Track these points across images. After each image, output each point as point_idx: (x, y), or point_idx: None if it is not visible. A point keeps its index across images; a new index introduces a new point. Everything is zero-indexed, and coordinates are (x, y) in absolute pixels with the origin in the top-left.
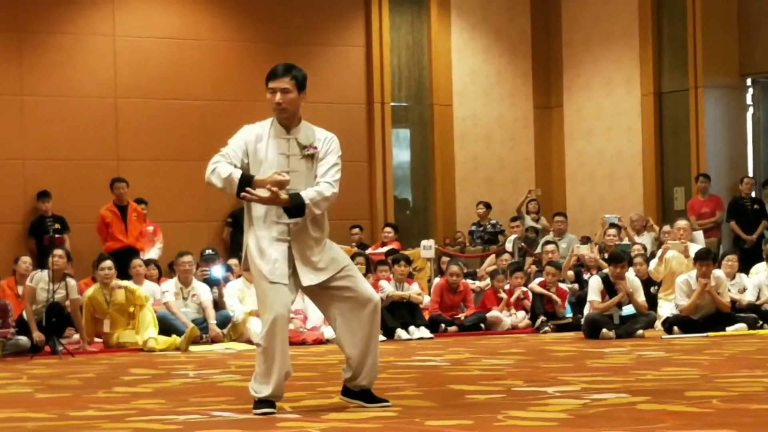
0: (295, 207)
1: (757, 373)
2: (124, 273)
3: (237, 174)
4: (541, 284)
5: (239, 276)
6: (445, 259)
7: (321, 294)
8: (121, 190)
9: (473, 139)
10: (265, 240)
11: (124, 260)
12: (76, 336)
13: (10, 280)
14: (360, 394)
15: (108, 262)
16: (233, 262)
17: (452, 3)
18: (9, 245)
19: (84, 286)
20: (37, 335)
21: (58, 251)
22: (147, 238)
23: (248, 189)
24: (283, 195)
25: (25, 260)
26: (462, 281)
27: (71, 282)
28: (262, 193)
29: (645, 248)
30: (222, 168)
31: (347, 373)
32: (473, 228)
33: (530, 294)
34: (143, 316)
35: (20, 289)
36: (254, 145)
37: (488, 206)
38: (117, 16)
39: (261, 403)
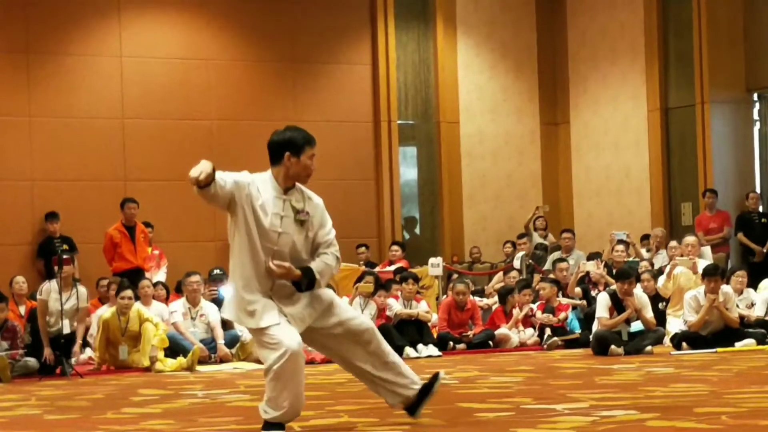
0: (308, 282)
1: (766, 389)
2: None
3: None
4: (540, 307)
5: None
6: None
7: (313, 337)
8: (132, 210)
9: (480, 156)
10: (249, 302)
11: (131, 281)
12: (84, 356)
13: (11, 302)
14: (419, 398)
15: (129, 291)
16: None
17: (458, 20)
18: (17, 266)
19: (92, 307)
20: (48, 352)
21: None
22: (153, 261)
23: (271, 263)
24: (296, 270)
25: (18, 280)
26: (470, 299)
27: (81, 290)
28: (278, 268)
29: (652, 265)
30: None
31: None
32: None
33: (537, 314)
34: (145, 330)
35: (22, 309)
36: (255, 191)
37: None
38: (124, 37)
39: (270, 425)
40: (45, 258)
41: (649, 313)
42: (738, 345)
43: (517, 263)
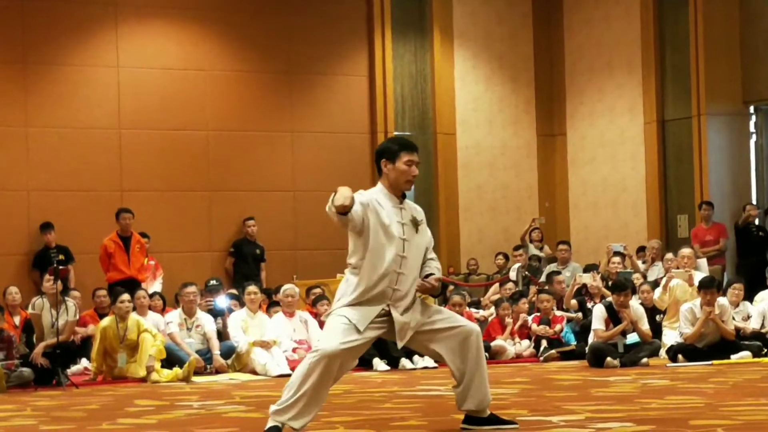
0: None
1: (762, 402)
2: None
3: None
4: (535, 320)
5: (243, 306)
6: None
7: (417, 339)
8: (127, 220)
9: (477, 168)
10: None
11: (126, 291)
12: (79, 366)
13: (6, 313)
14: (486, 420)
15: (126, 296)
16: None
17: (455, 31)
18: (12, 277)
19: (88, 318)
20: (43, 360)
21: (47, 278)
22: (149, 272)
23: (433, 279)
24: (437, 284)
25: (11, 290)
26: (465, 310)
27: (70, 304)
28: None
29: (644, 276)
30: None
31: (457, 396)
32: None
33: (532, 326)
34: (143, 340)
35: (16, 320)
36: (377, 205)
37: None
38: (120, 48)
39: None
40: (41, 269)
41: (645, 325)
42: (734, 357)
43: (513, 275)
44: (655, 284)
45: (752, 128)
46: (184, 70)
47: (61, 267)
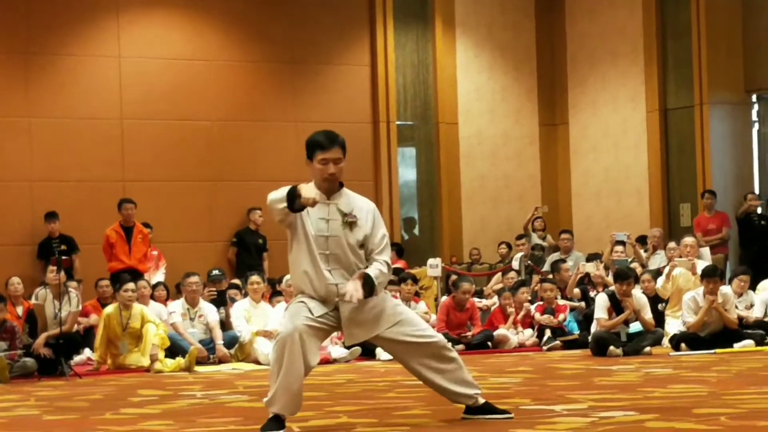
0: (369, 291)
1: (765, 390)
2: None
3: (286, 188)
4: (539, 309)
5: (246, 296)
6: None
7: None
8: (129, 211)
9: (479, 157)
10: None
11: (131, 280)
12: (82, 357)
13: (9, 303)
14: (479, 409)
15: (131, 285)
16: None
17: (457, 20)
18: (17, 267)
19: (91, 308)
20: (46, 351)
21: (50, 269)
22: (152, 262)
23: (348, 297)
24: (360, 287)
25: (13, 281)
26: (470, 299)
27: (72, 294)
28: (354, 291)
29: (643, 266)
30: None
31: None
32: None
33: (536, 315)
34: (147, 330)
35: (19, 310)
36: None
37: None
38: (122, 37)
39: (269, 422)
40: (45, 259)
41: (647, 314)
42: (737, 346)
43: (515, 264)
44: (657, 273)
45: (755, 117)
46: (187, 60)
47: (63, 257)
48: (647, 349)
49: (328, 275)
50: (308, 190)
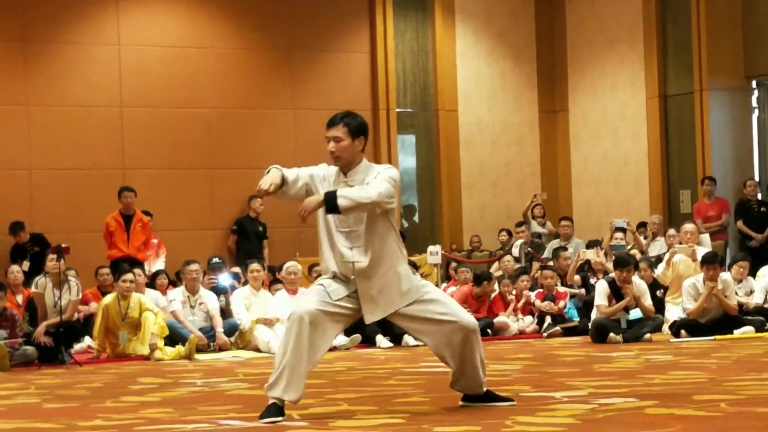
0: (327, 202)
1: (765, 376)
2: None
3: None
4: (539, 296)
5: (245, 284)
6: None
7: (403, 323)
8: (129, 199)
9: (478, 144)
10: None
11: (130, 270)
12: (82, 345)
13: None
14: (481, 397)
15: (130, 275)
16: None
17: (456, 7)
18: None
19: (90, 296)
20: (46, 339)
21: (50, 258)
22: (151, 250)
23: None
24: (317, 197)
25: (12, 269)
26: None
27: (72, 282)
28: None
29: (642, 252)
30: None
31: (452, 377)
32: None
33: (536, 302)
34: (145, 319)
35: (19, 299)
36: (320, 181)
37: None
38: (122, 25)
39: (269, 410)
40: (18, 261)
41: (647, 301)
42: (736, 332)
43: (515, 251)
44: (658, 260)
45: (754, 103)
46: (186, 48)
47: (63, 245)
48: (647, 335)
49: (347, 252)
50: (264, 179)
